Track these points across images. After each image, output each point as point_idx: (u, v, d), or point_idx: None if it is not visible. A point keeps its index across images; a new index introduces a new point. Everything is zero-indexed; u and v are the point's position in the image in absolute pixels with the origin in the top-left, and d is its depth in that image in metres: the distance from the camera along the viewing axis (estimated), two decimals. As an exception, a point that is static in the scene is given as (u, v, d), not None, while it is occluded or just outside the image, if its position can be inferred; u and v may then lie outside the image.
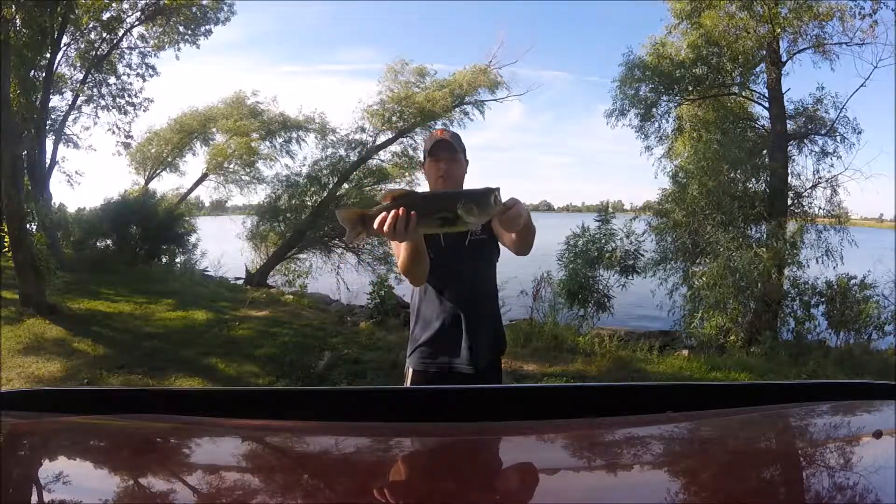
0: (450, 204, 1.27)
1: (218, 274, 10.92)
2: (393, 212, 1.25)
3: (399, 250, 1.59)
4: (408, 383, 1.73)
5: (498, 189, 1.25)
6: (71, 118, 11.17)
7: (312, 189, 11.68)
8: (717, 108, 9.69)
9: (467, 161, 1.79)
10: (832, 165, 8.47)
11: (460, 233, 1.65)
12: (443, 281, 1.70)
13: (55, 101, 10.70)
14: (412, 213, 1.26)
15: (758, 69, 9.19)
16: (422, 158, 1.84)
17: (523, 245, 1.56)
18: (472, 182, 1.80)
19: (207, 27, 11.53)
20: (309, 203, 11.65)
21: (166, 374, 4.46)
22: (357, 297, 9.34)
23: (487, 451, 0.81)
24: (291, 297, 8.92)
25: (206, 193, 13.94)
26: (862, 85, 8.09)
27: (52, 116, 10.66)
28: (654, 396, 0.99)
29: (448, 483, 0.65)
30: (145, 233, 10.74)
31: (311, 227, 11.27)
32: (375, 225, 1.27)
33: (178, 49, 11.45)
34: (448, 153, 1.72)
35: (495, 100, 11.69)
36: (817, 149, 8.64)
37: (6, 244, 6.07)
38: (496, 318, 1.81)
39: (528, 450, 0.79)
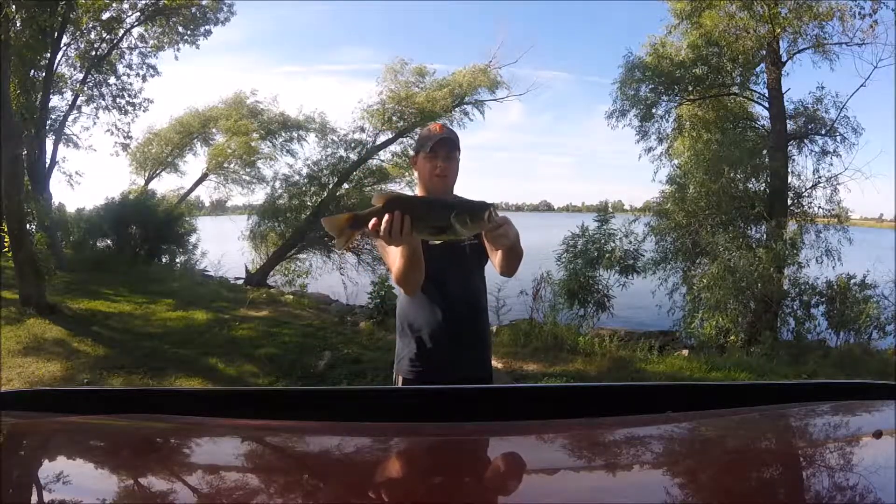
0: (444, 212, 1.27)
1: (218, 274, 10.92)
2: (388, 215, 1.24)
3: (391, 257, 1.53)
4: None
5: (494, 206, 1.27)
6: (71, 118, 11.19)
7: (312, 189, 11.69)
8: (717, 108, 9.70)
9: (459, 160, 1.74)
10: (832, 165, 8.51)
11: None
12: (433, 285, 1.63)
13: (55, 101, 10.72)
14: (407, 216, 1.24)
15: (758, 69, 9.23)
16: (415, 153, 1.76)
17: (509, 267, 1.57)
18: (469, 181, 1.79)
19: (207, 27, 11.55)
20: (309, 203, 11.66)
21: (166, 374, 4.46)
22: (357, 297, 9.35)
23: (487, 451, 0.81)
24: (291, 297, 8.92)
25: (206, 193, 13.99)
26: (862, 85, 8.13)
27: (52, 116, 10.66)
28: (654, 396, 0.99)
29: (448, 483, 0.65)
30: (145, 233, 10.73)
31: (311, 227, 11.28)
32: (370, 226, 1.25)
33: (178, 49, 11.47)
34: (448, 151, 1.67)
35: (495, 100, 11.73)
36: (817, 149, 8.67)
37: (6, 244, 6.06)
38: (486, 324, 1.77)
39: (528, 450, 0.79)
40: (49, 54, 9.50)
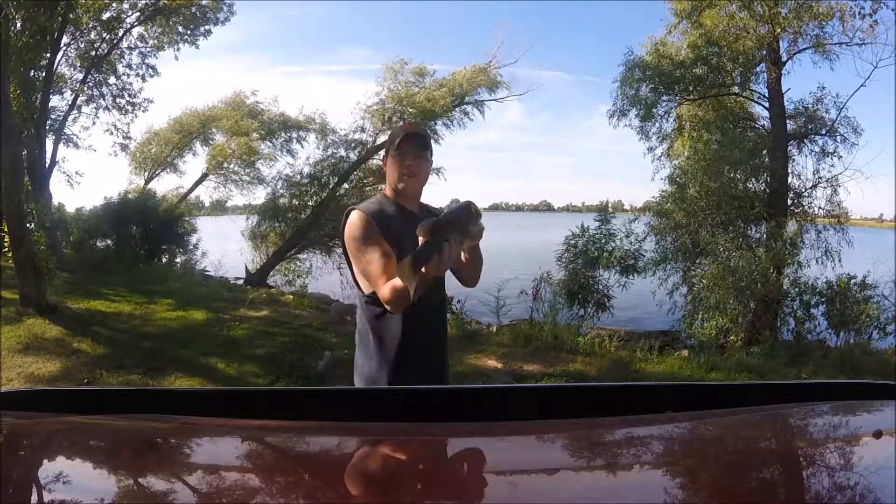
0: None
1: (218, 274, 10.91)
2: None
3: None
4: None
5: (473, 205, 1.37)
6: (71, 118, 11.19)
7: (313, 189, 11.68)
8: (717, 108, 9.70)
9: (432, 161, 1.69)
10: (832, 165, 8.48)
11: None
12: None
13: (55, 101, 10.73)
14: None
15: (758, 69, 9.21)
16: (384, 156, 1.66)
17: (472, 277, 1.64)
18: (469, 181, 1.80)
19: (207, 27, 11.54)
20: (309, 203, 11.65)
21: (166, 374, 4.46)
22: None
23: (487, 451, 0.81)
24: (291, 297, 8.91)
25: (206, 193, 13.96)
26: (862, 85, 8.11)
27: (52, 116, 10.67)
28: (654, 396, 0.99)
29: (447, 483, 0.65)
30: (145, 233, 10.73)
31: (311, 227, 11.27)
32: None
33: (178, 49, 11.47)
34: (418, 149, 1.58)
35: (495, 100, 11.71)
36: (817, 149, 8.65)
37: (6, 244, 6.06)
38: (447, 331, 1.78)
39: (529, 450, 0.79)
40: (49, 54, 9.49)
